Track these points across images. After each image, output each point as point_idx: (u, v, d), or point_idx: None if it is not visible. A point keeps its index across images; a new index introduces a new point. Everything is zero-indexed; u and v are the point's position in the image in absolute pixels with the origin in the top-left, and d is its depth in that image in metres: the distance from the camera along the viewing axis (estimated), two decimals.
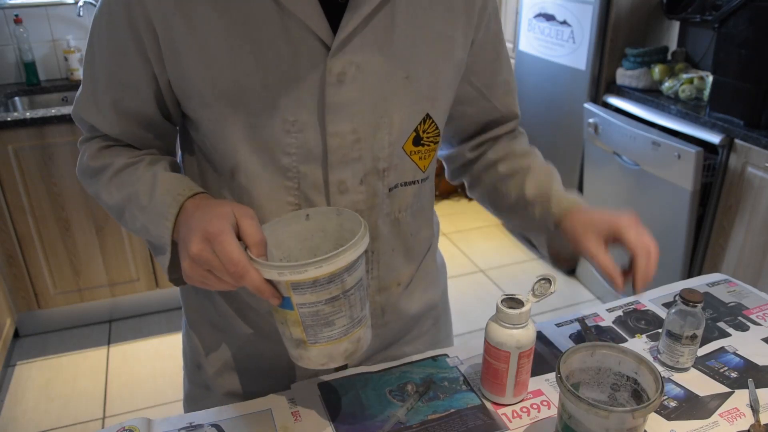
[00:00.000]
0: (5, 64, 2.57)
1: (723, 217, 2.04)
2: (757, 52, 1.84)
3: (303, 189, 0.74)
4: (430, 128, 0.77)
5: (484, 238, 3.23)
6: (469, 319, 2.54)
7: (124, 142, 0.78)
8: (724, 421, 0.76)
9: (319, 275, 0.61)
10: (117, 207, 0.76)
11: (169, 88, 0.72)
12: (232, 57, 0.66)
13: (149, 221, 0.71)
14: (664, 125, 2.16)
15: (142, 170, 0.74)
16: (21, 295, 2.32)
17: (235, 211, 0.64)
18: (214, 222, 0.62)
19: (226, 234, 0.61)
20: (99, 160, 0.77)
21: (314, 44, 0.67)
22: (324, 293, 0.63)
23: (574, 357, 0.71)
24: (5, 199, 2.16)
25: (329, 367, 0.68)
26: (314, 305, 0.63)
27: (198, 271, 0.63)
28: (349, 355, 0.68)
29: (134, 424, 0.76)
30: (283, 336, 0.68)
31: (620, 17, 2.38)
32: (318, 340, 0.65)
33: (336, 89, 0.69)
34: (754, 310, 0.99)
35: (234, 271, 0.60)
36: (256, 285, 0.61)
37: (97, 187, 0.78)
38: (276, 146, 0.71)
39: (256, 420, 0.77)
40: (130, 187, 0.73)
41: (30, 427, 2.00)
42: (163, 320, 2.53)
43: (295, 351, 0.68)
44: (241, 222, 0.64)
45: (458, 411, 0.78)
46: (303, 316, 0.64)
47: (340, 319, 0.65)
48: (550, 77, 2.72)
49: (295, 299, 0.63)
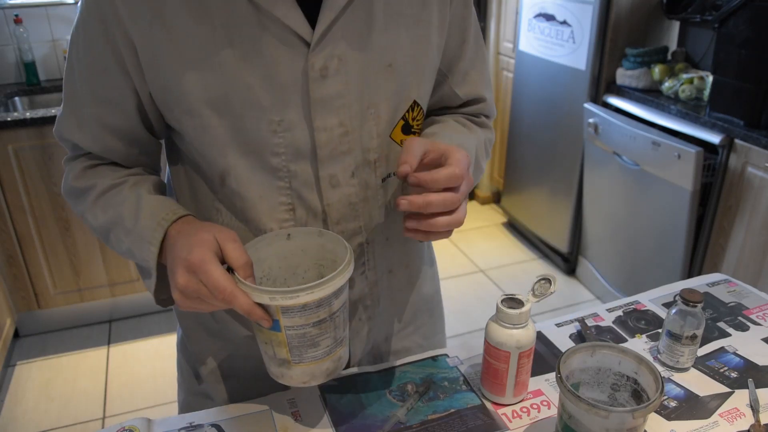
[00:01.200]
0: (5, 64, 2.57)
1: (723, 217, 2.04)
2: (757, 52, 1.84)
3: (295, 187, 0.74)
4: (419, 115, 0.77)
5: (484, 238, 3.23)
6: (469, 319, 2.53)
7: (109, 159, 0.77)
8: (724, 421, 0.76)
9: (310, 300, 0.62)
10: (102, 229, 0.75)
11: (151, 101, 0.72)
12: (213, 62, 0.66)
13: (134, 245, 0.71)
14: (664, 125, 2.16)
15: (127, 192, 0.74)
16: (21, 295, 2.32)
17: (217, 236, 0.64)
18: (195, 251, 0.62)
19: (208, 263, 0.61)
20: (83, 181, 0.76)
21: (294, 41, 0.67)
22: (312, 317, 0.64)
23: (574, 357, 0.71)
24: (5, 199, 2.16)
25: (309, 385, 0.70)
26: (302, 327, 0.64)
27: (189, 301, 0.64)
28: (330, 373, 0.70)
29: (134, 424, 0.76)
30: (265, 354, 0.69)
31: (620, 17, 2.38)
32: (302, 360, 0.67)
33: (320, 84, 0.69)
34: (754, 310, 0.99)
35: (222, 298, 0.61)
36: (245, 309, 0.62)
37: (82, 208, 0.77)
38: (264, 147, 0.71)
39: (256, 420, 0.77)
40: (114, 209, 0.73)
41: (30, 427, 2.00)
42: (163, 320, 2.53)
43: (277, 369, 0.69)
44: (224, 246, 0.64)
45: (458, 411, 0.78)
46: (290, 338, 0.65)
47: (325, 340, 0.66)
48: (550, 77, 2.72)
49: (283, 322, 0.64)
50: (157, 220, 0.69)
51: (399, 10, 0.71)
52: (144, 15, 0.65)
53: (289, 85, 0.68)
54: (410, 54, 0.73)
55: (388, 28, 0.71)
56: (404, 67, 0.73)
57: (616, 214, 2.43)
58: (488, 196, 3.61)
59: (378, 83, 0.72)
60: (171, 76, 0.67)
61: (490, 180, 3.55)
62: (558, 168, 2.77)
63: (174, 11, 0.65)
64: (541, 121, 2.83)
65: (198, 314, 0.87)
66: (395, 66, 0.72)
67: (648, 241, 2.28)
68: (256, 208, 0.74)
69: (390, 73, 0.72)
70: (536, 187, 2.96)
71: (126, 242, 0.72)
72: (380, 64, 0.71)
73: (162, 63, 0.67)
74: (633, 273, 2.41)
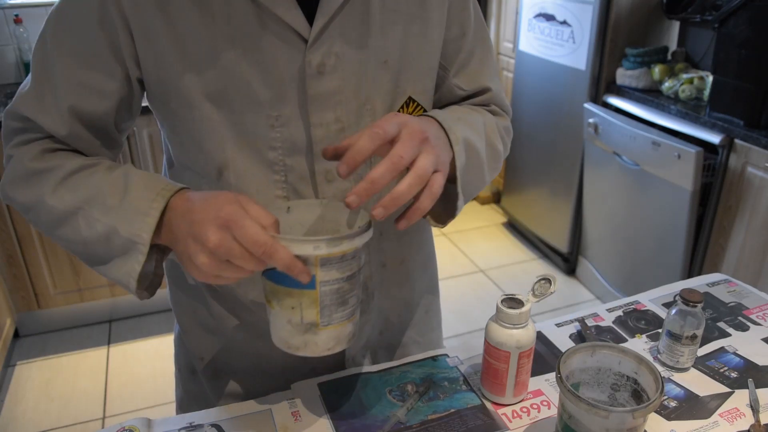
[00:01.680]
0: (5, 64, 2.57)
1: (723, 217, 2.04)
2: (757, 52, 1.84)
3: (290, 181, 0.74)
4: (416, 111, 0.77)
5: (484, 238, 3.23)
6: (469, 319, 2.53)
7: (71, 146, 0.73)
8: (724, 421, 0.76)
9: (349, 249, 0.61)
10: (65, 212, 0.68)
11: (140, 89, 0.72)
12: (214, 57, 0.67)
13: (120, 221, 0.65)
14: (664, 125, 2.16)
15: (103, 173, 0.70)
16: (21, 295, 2.32)
17: (239, 198, 0.61)
18: (226, 208, 0.59)
19: (244, 217, 0.58)
20: (43, 162, 0.70)
21: (292, 38, 0.67)
22: (347, 269, 0.63)
23: (574, 357, 0.71)
24: None
25: (333, 352, 0.67)
26: (337, 282, 0.63)
27: (216, 264, 0.59)
28: (351, 338, 0.68)
29: (134, 424, 0.76)
30: (286, 325, 0.65)
31: (620, 17, 2.38)
32: (331, 322, 0.65)
33: (317, 81, 0.69)
34: (754, 310, 0.99)
35: (262, 252, 0.57)
36: (286, 262, 0.58)
37: (37, 192, 0.70)
38: (261, 141, 0.71)
39: (256, 420, 0.77)
40: (89, 188, 0.68)
41: (30, 427, 2.00)
42: (163, 320, 2.53)
43: (301, 338, 0.65)
44: (248, 207, 0.60)
45: (458, 411, 0.78)
46: (323, 294, 0.63)
47: (352, 298, 0.65)
48: (550, 77, 2.72)
49: (320, 276, 0.61)
50: (156, 191, 0.65)
51: (396, 7, 0.72)
52: (148, 6, 0.65)
53: (287, 81, 0.69)
54: (407, 51, 0.74)
55: (384, 26, 0.71)
56: (400, 63, 0.74)
57: (616, 214, 2.43)
58: (488, 196, 3.61)
59: (374, 80, 0.72)
60: (169, 68, 0.67)
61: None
62: (558, 168, 2.77)
63: (178, 6, 0.65)
64: (541, 121, 2.83)
65: (195, 310, 0.86)
66: (391, 63, 0.73)
67: (648, 241, 2.28)
68: None
69: (386, 70, 0.73)
70: (536, 187, 2.96)
71: (104, 221, 0.66)
72: (376, 60, 0.72)
73: (161, 54, 0.67)
74: (633, 273, 2.41)
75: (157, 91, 0.71)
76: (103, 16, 0.66)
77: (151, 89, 0.71)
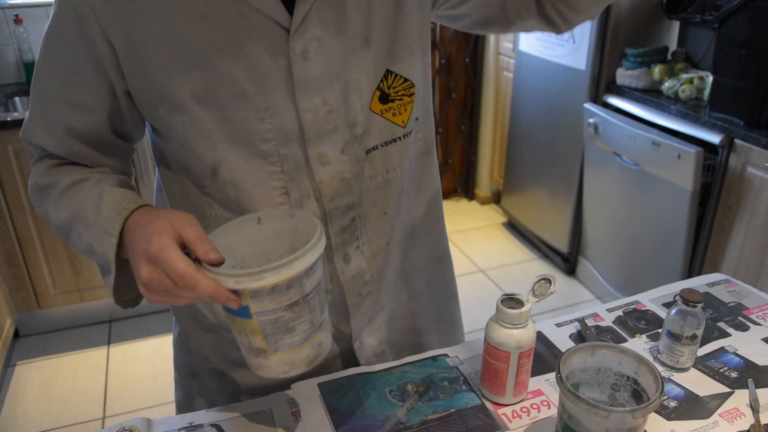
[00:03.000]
0: (5, 64, 2.57)
1: (723, 217, 2.04)
2: (757, 52, 1.84)
3: (286, 170, 0.74)
4: (397, 83, 0.77)
5: (484, 238, 3.23)
6: (469, 319, 2.53)
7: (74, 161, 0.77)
8: (724, 421, 0.76)
9: (278, 281, 0.59)
10: (64, 226, 0.73)
11: (129, 102, 0.72)
12: (197, 57, 0.67)
13: (94, 239, 0.69)
14: (664, 125, 2.16)
15: (90, 188, 0.72)
16: (21, 295, 2.32)
17: (173, 223, 0.62)
18: (154, 240, 0.60)
19: (168, 250, 0.59)
20: (47, 178, 0.75)
21: (274, 28, 0.68)
22: (283, 299, 0.61)
23: (574, 357, 0.71)
24: (5, 199, 2.16)
25: (290, 375, 0.66)
26: (274, 312, 0.61)
27: (155, 295, 0.62)
28: (312, 360, 0.66)
29: (134, 424, 0.76)
30: (241, 346, 0.66)
31: (620, 17, 2.38)
32: (279, 348, 0.63)
33: (302, 67, 0.70)
34: (754, 310, 0.99)
35: (183, 284, 0.58)
36: (209, 292, 0.59)
37: (46, 207, 0.75)
38: (253, 135, 0.71)
39: (256, 420, 0.77)
40: (76, 204, 0.72)
41: (30, 427, 2.00)
42: (163, 320, 2.53)
43: (255, 360, 0.65)
44: (182, 232, 0.61)
45: (458, 411, 0.78)
46: (262, 324, 0.62)
47: (301, 325, 0.63)
48: (550, 77, 2.72)
49: (253, 307, 0.60)
50: (117, 210, 0.68)
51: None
52: (124, 13, 0.65)
53: (272, 71, 0.69)
54: (386, 27, 0.74)
55: (361, 5, 0.72)
56: (381, 40, 0.74)
57: (616, 214, 2.43)
58: (488, 196, 3.61)
59: (356, 59, 0.73)
60: (155, 74, 0.68)
61: (490, 180, 3.55)
62: (558, 168, 2.77)
63: (155, 8, 0.65)
64: (541, 121, 2.83)
65: (195, 311, 0.86)
66: (372, 40, 0.73)
67: (648, 241, 2.28)
68: (250, 195, 0.74)
69: (367, 48, 0.73)
70: (536, 187, 2.96)
71: (86, 237, 0.70)
72: (357, 40, 0.72)
73: (145, 61, 0.67)
74: (633, 273, 2.41)
75: (144, 98, 0.71)
76: (82, 32, 0.66)
77: (139, 97, 0.71)
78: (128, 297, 0.75)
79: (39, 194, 0.77)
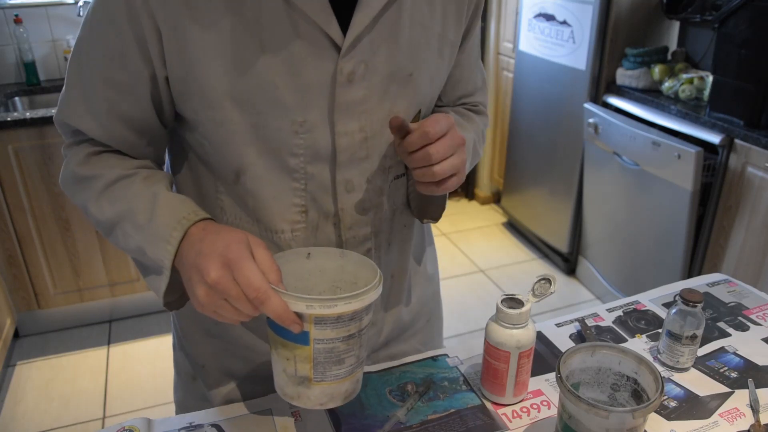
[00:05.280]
0: (5, 64, 2.57)
1: (723, 217, 2.04)
2: (757, 52, 1.84)
3: (310, 190, 0.73)
4: None
5: (484, 238, 3.23)
6: (469, 319, 2.54)
7: (114, 147, 0.74)
8: (724, 421, 0.76)
9: (346, 311, 0.60)
10: (107, 223, 0.71)
11: (167, 89, 0.70)
12: (241, 56, 0.65)
13: (147, 242, 0.68)
14: (664, 125, 2.16)
15: (139, 186, 0.71)
16: (21, 295, 2.32)
17: (250, 239, 0.62)
18: (233, 247, 0.60)
19: (247, 260, 0.59)
20: (88, 169, 0.72)
21: (324, 43, 0.66)
22: (343, 330, 0.62)
23: (574, 357, 0.71)
24: (5, 199, 2.16)
25: (325, 408, 0.67)
26: (331, 341, 0.62)
27: (214, 300, 0.60)
28: (348, 395, 0.67)
29: (134, 424, 0.76)
30: (282, 374, 0.66)
31: (620, 17, 2.38)
32: (324, 378, 0.64)
33: (346, 89, 0.68)
34: (754, 310, 0.99)
35: (255, 297, 0.58)
36: (278, 312, 0.59)
37: (84, 198, 0.73)
38: (283, 147, 0.70)
39: (256, 420, 0.77)
40: (124, 202, 0.70)
41: (30, 427, 2.00)
42: (163, 320, 2.53)
43: (294, 389, 0.66)
44: (256, 251, 0.62)
45: (458, 411, 0.78)
46: (317, 352, 0.62)
47: (350, 358, 0.64)
48: (550, 77, 2.72)
49: (313, 334, 0.61)
50: (177, 218, 0.66)
51: (422, 21, 0.72)
52: (176, 4, 0.63)
53: (314, 86, 0.68)
54: (429, 66, 0.74)
55: (413, 39, 0.71)
56: (423, 77, 0.74)
57: (616, 214, 2.43)
58: (488, 196, 3.61)
59: (399, 91, 0.72)
60: (196, 66, 0.66)
61: (490, 180, 3.55)
62: (558, 168, 2.77)
63: (207, 4, 0.63)
64: (541, 121, 2.83)
65: (196, 314, 0.86)
66: (416, 76, 0.73)
67: (648, 241, 2.28)
68: (268, 208, 0.73)
69: (411, 83, 0.73)
70: (536, 187, 2.96)
71: (136, 238, 0.69)
72: (403, 72, 0.72)
73: (188, 53, 0.65)
74: (633, 273, 2.41)
75: (179, 87, 0.69)
76: (130, 13, 0.64)
77: (175, 87, 0.69)
78: (172, 298, 0.73)
79: (77, 185, 0.73)
